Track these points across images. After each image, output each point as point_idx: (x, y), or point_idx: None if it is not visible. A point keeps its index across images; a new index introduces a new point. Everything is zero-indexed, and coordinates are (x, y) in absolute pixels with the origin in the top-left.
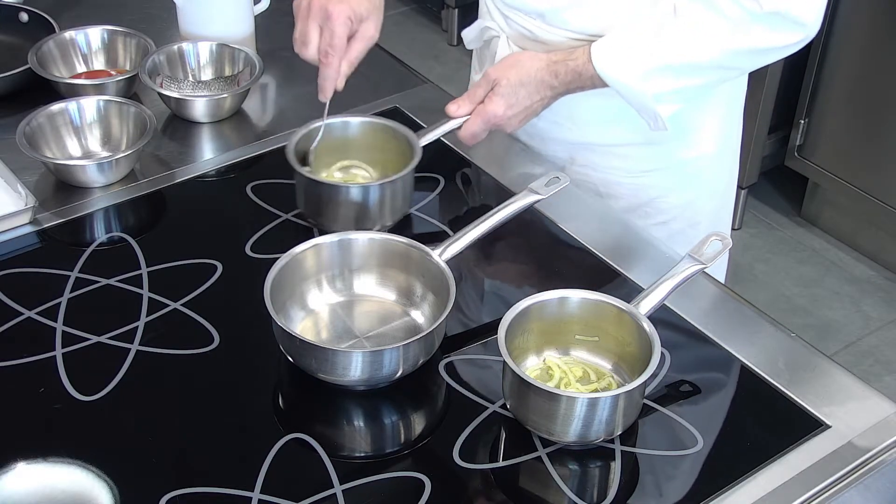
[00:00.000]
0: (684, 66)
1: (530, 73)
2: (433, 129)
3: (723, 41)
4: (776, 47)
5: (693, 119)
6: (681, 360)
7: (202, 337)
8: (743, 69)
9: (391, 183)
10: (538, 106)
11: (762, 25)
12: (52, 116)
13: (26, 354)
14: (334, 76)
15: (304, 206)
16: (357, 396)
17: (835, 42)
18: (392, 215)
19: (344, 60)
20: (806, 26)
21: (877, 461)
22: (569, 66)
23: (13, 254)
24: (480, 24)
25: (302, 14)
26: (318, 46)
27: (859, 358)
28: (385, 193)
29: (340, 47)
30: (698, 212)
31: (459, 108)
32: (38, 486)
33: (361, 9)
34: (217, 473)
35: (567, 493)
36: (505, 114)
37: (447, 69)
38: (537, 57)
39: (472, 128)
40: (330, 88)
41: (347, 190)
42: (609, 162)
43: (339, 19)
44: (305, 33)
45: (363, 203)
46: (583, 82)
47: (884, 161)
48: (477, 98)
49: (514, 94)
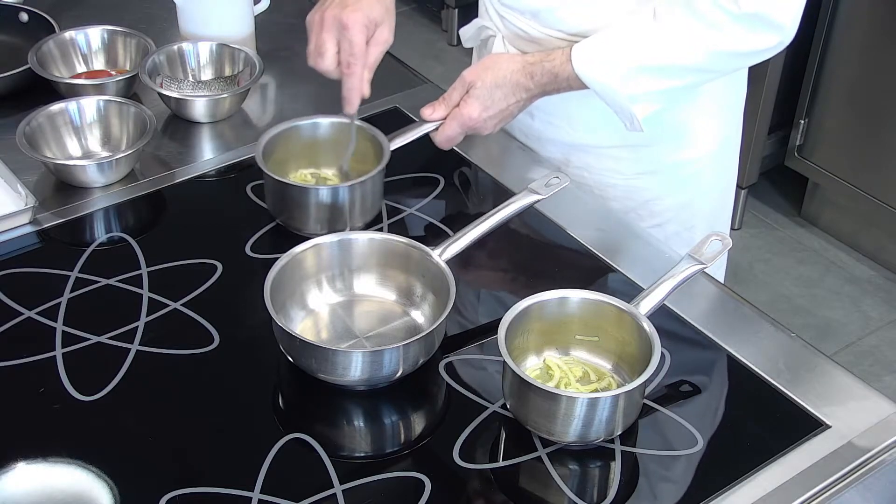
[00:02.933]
0: (664, 68)
1: (506, 76)
2: (406, 132)
3: (702, 43)
4: (754, 50)
5: (688, 121)
6: (681, 360)
7: (202, 337)
8: (722, 71)
9: (360, 184)
10: (514, 108)
11: (740, 27)
12: (52, 116)
13: (26, 354)
14: (359, 85)
15: (274, 208)
16: (357, 396)
17: (835, 42)
18: (362, 216)
19: (365, 67)
20: (783, 29)
21: (877, 461)
22: (545, 68)
23: (13, 254)
24: (478, 23)
25: (316, 27)
26: (334, 57)
27: (859, 358)
28: (355, 195)
29: (361, 55)
30: (694, 214)
31: (434, 111)
32: (38, 486)
33: (375, 14)
34: (217, 473)
35: (567, 493)
36: (480, 116)
37: (447, 69)
38: (513, 59)
39: (447, 131)
40: (357, 98)
41: (317, 192)
42: (604, 164)
43: (355, 28)
44: (321, 45)
45: (332, 204)
46: (559, 84)
47: (884, 161)
48: (452, 101)
49: (490, 96)
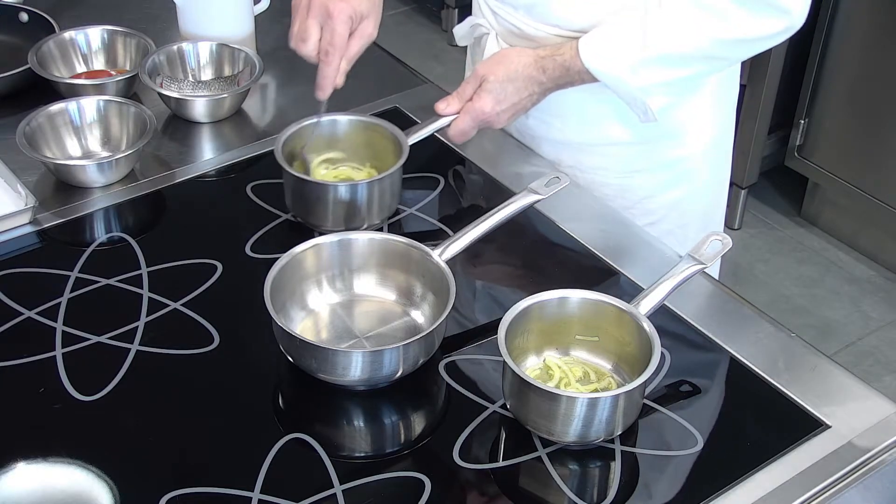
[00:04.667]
0: (672, 57)
1: (518, 69)
2: (423, 128)
3: (709, 30)
4: (762, 36)
5: (681, 119)
6: (681, 360)
7: (202, 337)
8: (731, 59)
9: (379, 181)
10: (527, 102)
11: (747, 13)
12: (52, 116)
13: (26, 354)
14: (333, 74)
15: (293, 205)
16: (357, 396)
17: (835, 42)
18: (380, 213)
19: (343, 58)
20: (791, 14)
21: (877, 461)
22: (556, 62)
23: (13, 254)
24: (471, 21)
25: (301, 11)
26: (316, 44)
27: (859, 358)
28: (373, 192)
29: (341, 46)
30: (687, 212)
31: (448, 105)
32: (38, 486)
33: (362, 7)
34: (217, 473)
35: (567, 493)
36: (493, 110)
37: (447, 69)
38: (525, 53)
39: (460, 125)
40: (329, 87)
41: (336, 188)
42: (596, 162)
43: (340, 17)
44: (305, 30)
45: (352, 201)
46: (571, 77)
47: (884, 161)
48: (465, 95)
49: (503, 90)
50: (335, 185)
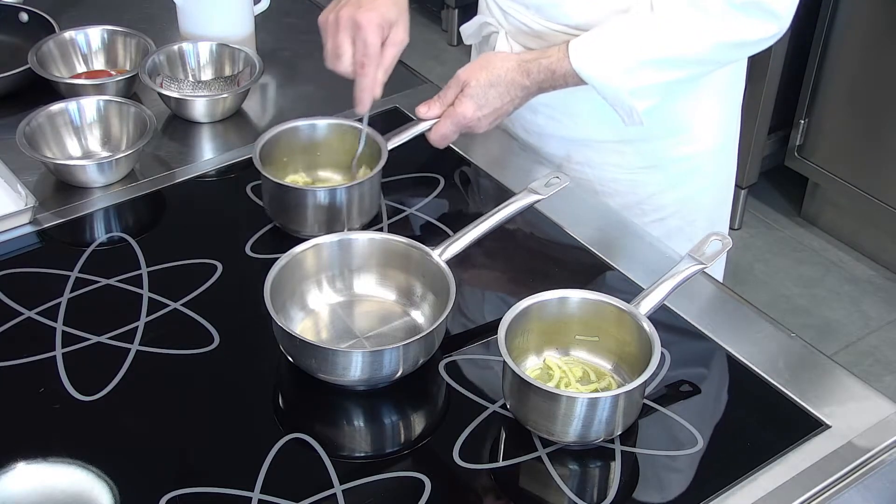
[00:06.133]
0: (664, 61)
1: (500, 74)
2: (403, 132)
3: (700, 33)
4: (752, 40)
5: (690, 116)
6: (681, 360)
7: (202, 337)
8: (721, 62)
9: (359, 185)
10: (509, 107)
11: (738, 16)
12: (52, 116)
13: (26, 354)
14: (371, 86)
15: (271, 210)
16: (357, 396)
17: (835, 42)
18: (360, 218)
19: (379, 68)
20: (780, 17)
21: (877, 461)
22: (542, 65)
23: (13, 254)
24: (480, 20)
25: (331, 28)
26: (352, 59)
27: (859, 358)
28: (353, 196)
29: (376, 56)
30: (695, 209)
31: (429, 109)
32: (38, 486)
33: (391, 14)
34: (217, 473)
35: (567, 493)
36: (475, 115)
37: (447, 69)
38: (508, 58)
39: (441, 130)
40: (368, 99)
41: (314, 194)
42: (605, 158)
43: (370, 27)
44: (337, 46)
45: (330, 206)
46: (556, 80)
47: (884, 161)
48: (447, 100)
49: (484, 95)
50: (314, 190)
